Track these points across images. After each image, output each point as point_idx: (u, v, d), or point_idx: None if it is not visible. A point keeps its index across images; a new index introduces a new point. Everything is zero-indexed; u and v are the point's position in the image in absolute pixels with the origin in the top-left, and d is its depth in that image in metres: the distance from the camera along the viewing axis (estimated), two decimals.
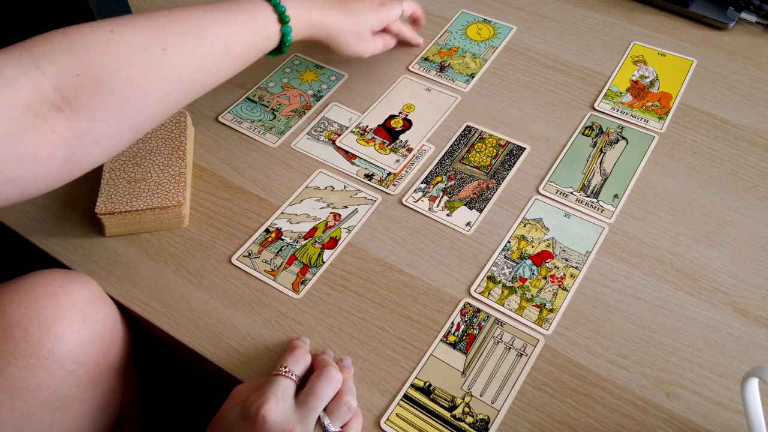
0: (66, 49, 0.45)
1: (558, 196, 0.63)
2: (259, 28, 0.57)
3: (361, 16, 0.67)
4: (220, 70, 0.54)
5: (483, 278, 0.57)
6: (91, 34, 0.46)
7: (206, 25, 0.52)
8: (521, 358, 0.53)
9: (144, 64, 0.48)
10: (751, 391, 0.42)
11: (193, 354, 0.54)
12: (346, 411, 0.47)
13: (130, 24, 0.49)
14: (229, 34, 0.54)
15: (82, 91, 0.45)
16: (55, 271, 0.54)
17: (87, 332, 0.52)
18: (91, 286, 0.55)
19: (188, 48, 0.51)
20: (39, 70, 0.43)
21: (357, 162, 0.67)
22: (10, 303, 0.50)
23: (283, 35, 0.59)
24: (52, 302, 0.51)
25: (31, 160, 0.43)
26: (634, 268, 0.58)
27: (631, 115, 0.70)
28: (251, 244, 0.60)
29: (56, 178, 0.46)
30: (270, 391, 0.45)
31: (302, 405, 0.46)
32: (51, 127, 0.43)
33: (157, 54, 0.48)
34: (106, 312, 0.54)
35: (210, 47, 0.52)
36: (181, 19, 0.51)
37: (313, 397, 0.46)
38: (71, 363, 0.50)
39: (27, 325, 0.49)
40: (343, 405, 0.47)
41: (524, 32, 0.80)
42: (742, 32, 0.80)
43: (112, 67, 0.46)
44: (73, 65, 0.44)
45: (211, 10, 0.54)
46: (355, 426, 0.48)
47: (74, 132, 0.45)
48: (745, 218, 0.61)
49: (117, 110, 0.47)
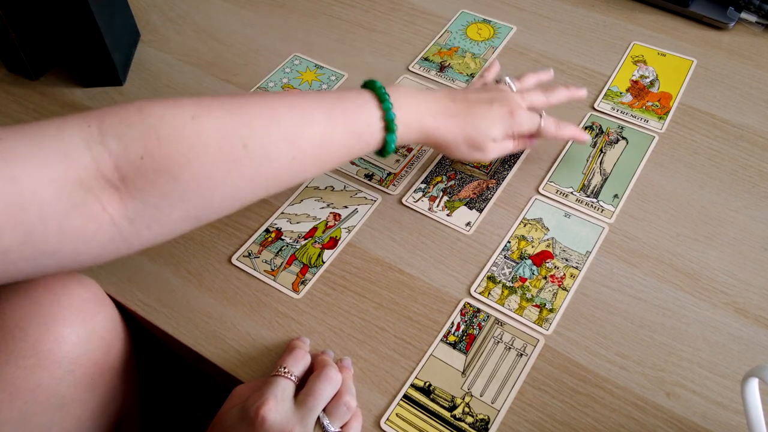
0: (137, 129, 0.42)
1: (558, 196, 0.63)
2: (361, 134, 0.50)
3: (483, 127, 0.56)
4: (305, 172, 0.49)
5: (483, 278, 0.57)
6: (170, 116, 0.43)
7: (301, 124, 0.47)
8: (521, 358, 0.53)
9: (219, 160, 0.43)
10: (751, 391, 0.42)
11: (193, 354, 0.54)
12: (345, 411, 0.47)
13: (215, 110, 0.44)
14: (326, 139, 0.48)
15: (143, 175, 0.41)
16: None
17: (86, 333, 0.52)
18: (91, 286, 0.55)
19: (274, 148, 0.45)
20: (102, 146, 0.40)
21: (357, 162, 0.67)
22: (10, 303, 0.50)
23: (386, 143, 0.52)
24: (51, 302, 0.50)
25: (74, 236, 0.40)
26: (634, 268, 0.58)
27: (631, 115, 0.70)
28: (251, 244, 0.61)
29: (100, 255, 0.43)
30: (269, 392, 0.45)
31: (302, 405, 0.46)
32: (102, 204, 0.41)
33: (237, 150, 0.44)
34: (106, 312, 0.54)
35: (299, 149, 0.47)
36: (275, 112, 0.46)
37: (313, 398, 0.46)
38: (70, 363, 0.50)
39: (26, 325, 0.49)
40: (342, 405, 0.47)
41: (524, 32, 0.80)
42: (742, 32, 0.80)
43: (182, 159, 0.42)
44: (140, 148, 0.41)
45: (312, 105, 0.48)
46: (355, 426, 0.48)
47: (125, 212, 0.42)
48: (745, 218, 0.61)
49: (177, 200, 0.43)
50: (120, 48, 0.75)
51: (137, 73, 0.77)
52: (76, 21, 0.67)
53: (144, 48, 0.80)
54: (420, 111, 0.54)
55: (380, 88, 0.52)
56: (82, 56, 0.72)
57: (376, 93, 0.52)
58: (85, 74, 0.74)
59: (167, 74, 0.76)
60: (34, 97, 0.74)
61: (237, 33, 0.81)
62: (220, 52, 0.79)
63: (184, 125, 0.43)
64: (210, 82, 0.75)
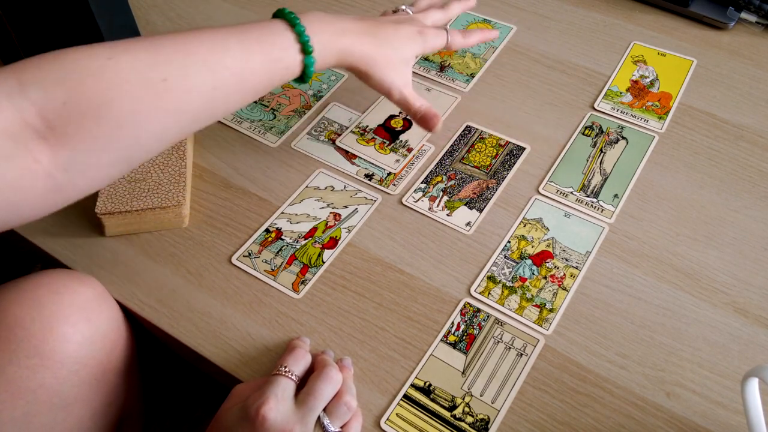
0: (56, 75, 0.42)
1: (558, 196, 0.63)
2: (278, 59, 0.50)
3: (398, 45, 0.58)
4: (229, 103, 0.50)
5: (483, 278, 0.57)
6: (87, 59, 0.43)
7: (218, 54, 0.47)
8: (521, 358, 0.53)
9: (140, 95, 0.43)
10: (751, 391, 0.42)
11: (193, 354, 0.54)
12: (345, 411, 0.47)
13: (131, 49, 0.44)
14: (244, 65, 0.48)
15: (68, 120, 0.41)
16: (58, 271, 0.54)
17: (90, 332, 0.52)
18: (95, 285, 0.55)
19: (194, 79, 0.46)
20: (23, 96, 0.40)
21: (357, 162, 0.67)
22: (13, 302, 0.49)
23: (305, 66, 0.52)
24: (54, 302, 0.50)
25: (9, 189, 0.40)
26: (634, 268, 0.58)
27: (631, 115, 0.70)
28: (251, 244, 0.60)
29: (39, 208, 0.43)
30: (270, 391, 0.45)
31: (302, 405, 0.46)
32: (33, 156, 0.41)
33: (157, 84, 0.44)
34: (110, 312, 0.54)
35: (219, 79, 0.47)
36: (189, 45, 0.46)
37: (313, 397, 0.46)
38: (74, 363, 0.50)
39: (29, 325, 0.49)
40: (342, 405, 0.47)
41: (524, 32, 0.80)
42: (742, 32, 0.80)
43: (103, 97, 0.42)
44: (61, 92, 0.41)
45: (225, 35, 0.48)
46: (355, 426, 0.48)
47: (58, 162, 0.42)
48: (745, 218, 0.61)
49: (106, 142, 0.43)
50: None
51: None
52: (76, 21, 0.67)
53: None
54: (334, 31, 0.54)
55: (290, 13, 0.52)
56: None
57: (287, 19, 0.52)
58: None
59: None
60: None
61: None
62: None
63: (102, 65, 0.43)
64: None
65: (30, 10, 0.70)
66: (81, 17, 0.67)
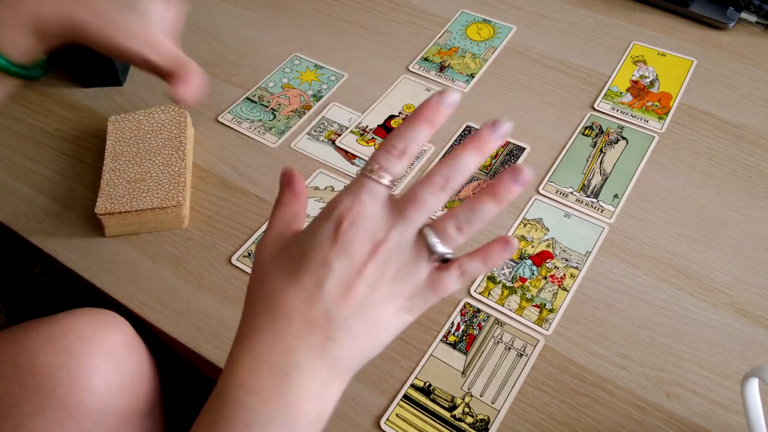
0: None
1: (558, 196, 0.63)
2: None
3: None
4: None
5: (483, 278, 0.57)
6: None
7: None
8: (521, 358, 0.53)
9: None
10: (751, 391, 0.42)
11: (193, 354, 0.54)
12: (454, 233, 0.36)
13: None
14: None
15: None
16: (88, 313, 0.52)
17: (117, 381, 0.50)
18: (124, 330, 0.53)
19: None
20: None
21: (357, 162, 0.67)
22: (38, 350, 0.48)
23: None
24: (82, 349, 0.48)
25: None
26: (634, 268, 0.58)
27: (631, 115, 0.70)
28: (251, 244, 0.60)
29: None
30: (356, 193, 0.35)
31: (398, 213, 0.35)
32: None
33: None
34: (136, 356, 0.53)
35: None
36: None
37: (414, 206, 0.35)
38: (99, 414, 0.49)
39: (56, 375, 0.47)
40: (451, 224, 0.35)
41: (524, 32, 0.80)
42: (742, 32, 0.79)
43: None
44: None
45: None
46: (475, 263, 0.37)
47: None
48: (745, 218, 0.61)
49: None
50: None
51: (137, 73, 0.77)
52: None
53: None
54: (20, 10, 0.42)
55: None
56: (82, 56, 0.72)
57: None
58: (85, 74, 0.74)
59: None
60: (34, 97, 0.74)
61: (237, 33, 0.81)
62: (220, 52, 0.79)
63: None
64: (210, 82, 0.75)
65: None
66: None
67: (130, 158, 0.63)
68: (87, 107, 0.73)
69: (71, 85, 0.75)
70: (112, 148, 0.64)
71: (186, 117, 0.67)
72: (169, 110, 0.67)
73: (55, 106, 0.73)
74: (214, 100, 0.73)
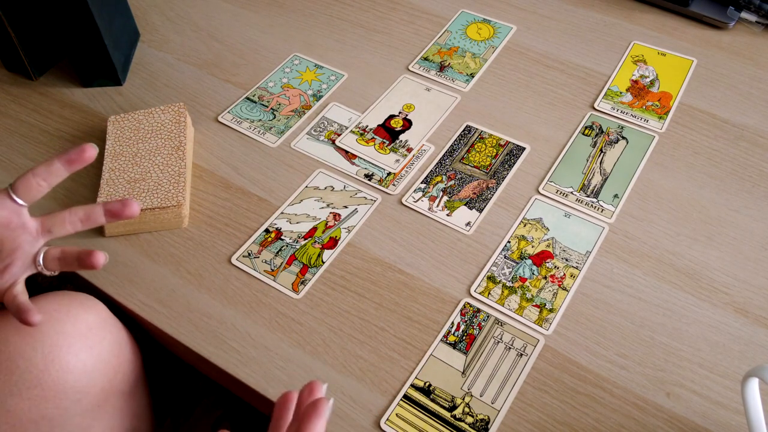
0: None
1: (558, 196, 0.63)
2: None
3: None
4: None
5: (483, 278, 0.57)
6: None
7: None
8: (521, 358, 0.53)
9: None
10: (751, 391, 0.42)
11: (193, 354, 0.54)
12: None
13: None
14: None
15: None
16: (61, 295, 0.53)
17: (92, 360, 0.50)
18: (97, 309, 0.53)
19: None
20: None
21: (357, 162, 0.67)
22: (14, 331, 0.48)
23: None
24: (57, 330, 0.49)
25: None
26: (634, 268, 0.58)
27: (631, 115, 0.70)
28: (251, 244, 0.60)
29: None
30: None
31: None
32: None
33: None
34: (112, 336, 0.53)
35: None
36: None
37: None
38: (76, 393, 0.49)
39: (31, 355, 0.48)
40: None
41: (524, 32, 0.80)
42: (742, 32, 0.79)
43: None
44: None
45: None
46: None
47: None
48: (745, 218, 0.61)
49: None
50: (120, 48, 0.74)
51: (137, 73, 0.77)
52: (76, 21, 0.67)
53: (144, 48, 0.80)
54: None
55: None
56: (82, 56, 0.72)
57: None
58: (84, 74, 0.74)
59: (167, 74, 0.76)
60: (33, 97, 0.74)
61: (237, 33, 0.81)
62: (219, 51, 0.79)
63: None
64: (209, 82, 0.75)
65: (30, 10, 0.70)
66: (81, 17, 0.67)
67: (130, 158, 0.63)
68: (87, 107, 0.73)
69: (71, 84, 0.75)
70: (111, 148, 0.64)
71: (186, 117, 0.67)
72: (169, 110, 0.67)
73: (55, 106, 0.73)
74: (214, 99, 0.73)
